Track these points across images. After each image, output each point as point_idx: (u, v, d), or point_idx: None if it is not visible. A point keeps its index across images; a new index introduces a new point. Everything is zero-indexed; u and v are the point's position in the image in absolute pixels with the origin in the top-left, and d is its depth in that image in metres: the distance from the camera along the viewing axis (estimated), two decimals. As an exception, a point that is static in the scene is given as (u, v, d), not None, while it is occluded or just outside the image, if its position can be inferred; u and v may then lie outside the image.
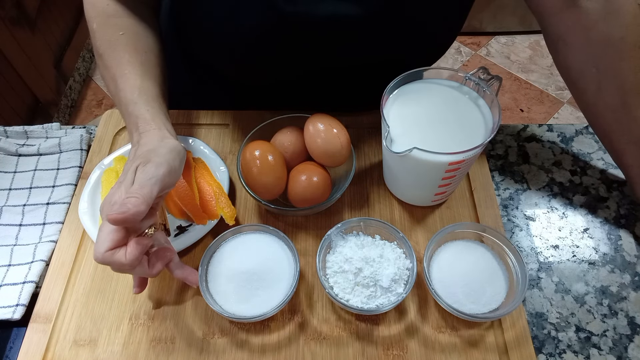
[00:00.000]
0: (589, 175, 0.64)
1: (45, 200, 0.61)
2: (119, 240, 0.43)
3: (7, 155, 0.65)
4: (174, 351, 0.51)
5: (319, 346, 0.51)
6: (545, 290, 0.55)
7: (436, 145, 0.47)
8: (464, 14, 0.60)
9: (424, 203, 0.60)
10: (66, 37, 1.83)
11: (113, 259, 0.43)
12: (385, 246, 0.53)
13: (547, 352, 0.51)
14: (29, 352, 0.50)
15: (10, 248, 0.57)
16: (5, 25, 1.46)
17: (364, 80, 0.65)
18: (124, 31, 0.55)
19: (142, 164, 0.46)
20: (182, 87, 0.71)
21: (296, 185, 0.56)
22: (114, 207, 0.42)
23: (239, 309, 0.50)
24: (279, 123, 0.60)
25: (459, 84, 0.55)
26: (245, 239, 0.54)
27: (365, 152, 0.65)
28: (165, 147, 0.48)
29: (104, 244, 0.43)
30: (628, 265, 0.57)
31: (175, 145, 0.49)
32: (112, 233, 0.43)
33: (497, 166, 0.65)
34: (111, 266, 0.44)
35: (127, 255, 0.43)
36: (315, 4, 0.52)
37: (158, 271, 0.48)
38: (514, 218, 0.61)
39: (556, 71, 1.13)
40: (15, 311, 0.52)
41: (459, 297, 0.50)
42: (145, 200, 0.43)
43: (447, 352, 0.50)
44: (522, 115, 1.81)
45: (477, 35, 2.07)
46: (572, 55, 0.54)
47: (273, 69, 0.61)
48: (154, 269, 0.47)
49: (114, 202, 0.43)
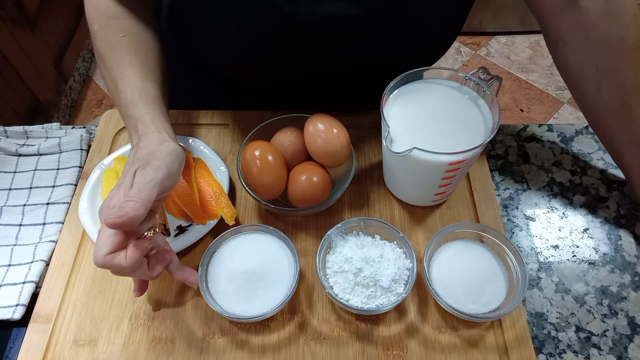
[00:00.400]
0: (589, 175, 0.64)
1: (45, 200, 0.61)
2: (119, 243, 0.43)
3: (7, 155, 0.65)
4: (174, 351, 0.51)
5: (319, 346, 0.51)
6: (545, 290, 0.55)
7: (436, 145, 0.47)
8: (464, 14, 0.60)
9: (424, 203, 0.60)
10: (66, 37, 1.83)
11: (113, 263, 0.43)
12: (385, 246, 0.53)
13: (547, 352, 0.51)
14: (29, 352, 0.50)
15: (10, 248, 0.57)
16: (5, 25, 1.46)
17: (364, 80, 0.65)
18: (124, 33, 0.55)
19: (141, 167, 0.45)
20: (182, 87, 0.71)
21: (296, 185, 0.56)
22: (113, 211, 0.42)
23: (239, 309, 0.50)
24: (279, 123, 0.60)
25: (459, 84, 0.55)
26: (245, 239, 0.54)
27: (365, 152, 0.65)
28: (165, 150, 0.48)
29: (104, 247, 0.43)
30: (628, 265, 0.57)
31: (175, 148, 0.49)
32: (112, 237, 0.43)
33: (497, 166, 0.65)
34: (111, 270, 0.44)
35: (127, 259, 0.43)
36: (316, 4, 0.52)
37: (158, 273, 0.48)
38: (514, 218, 0.61)
39: (556, 71, 1.13)
40: (15, 311, 0.52)
41: (459, 297, 0.50)
42: (144, 203, 0.43)
43: (447, 352, 0.50)
44: (522, 115, 1.81)
45: (477, 35, 2.07)
46: (572, 55, 0.54)
47: (273, 69, 0.61)
48: (154, 272, 0.47)
49: (112, 205, 0.43)
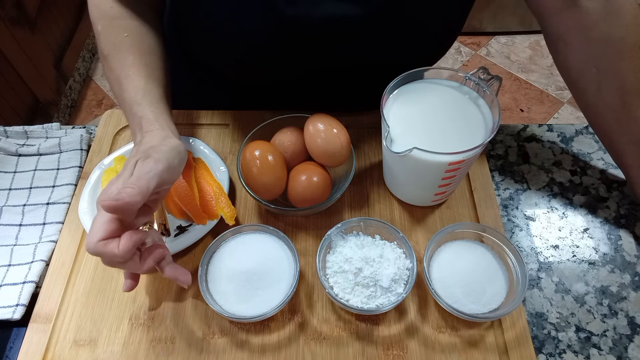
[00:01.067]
0: (589, 175, 0.64)
1: (45, 200, 0.61)
2: (113, 231, 0.43)
3: (7, 155, 0.65)
4: (174, 351, 0.51)
5: (319, 346, 0.51)
6: (545, 290, 0.55)
7: (436, 145, 0.47)
8: (464, 14, 0.60)
9: (424, 203, 0.60)
10: (66, 37, 1.83)
11: (105, 249, 0.43)
12: (385, 246, 0.53)
13: (547, 352, 0.51)
14: (29, 352, 0.50)
15: (10, 248, 0.57)
16: (5, 25, 1.46)
17: (364, 81, 0.65)
18: (128, 33, 0.55)
19: (142, 159, 0.46)
20: (182, 87, 0.71)
21: (296, 185, 0.56)
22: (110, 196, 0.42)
23: (239, 309, 0.50)
24: (279, 123, 0.60)
25: (459, 84, 0.55)
26: (245, 239, 0.54)
27: (365, 152, 0.65)
28: (167, 145, 0.48)
29: (97, 233, 0.43)
30: (628, 265, 0.57)
31: (177, 144, 0.49)
32: (106, 223, 0.43)
33: (497, 166, 0.65)
34: (103, 257, 0.44)
35: (120, 247, 0.43)
36: (315, 6, 0.52)
37: (149, 267, 0.47)
38: (514, 218, 0.61)
39: (556, 71, 1.13)
40: (15, 311, 0.52)
41: (459, 297, 0.50)
42: (142, 191, 0.43)
43: (447, 352, 0.50)
44: (522, 115, 1.81)
45: (477, 35, 2.07)
46: (572, 55, 0.54)
47: (273, 69, 0.61)
48: (145, 265, 0.47)
49: (110, 192, 0.43)
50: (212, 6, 0.54)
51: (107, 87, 1.95)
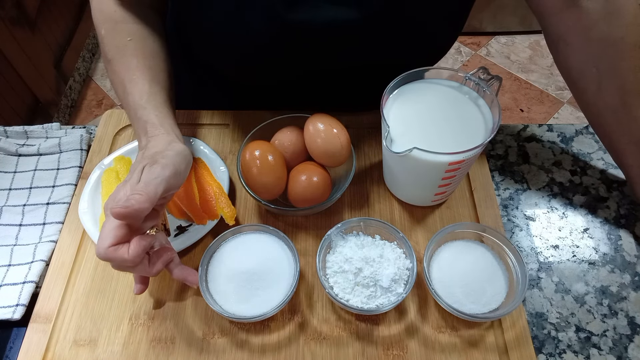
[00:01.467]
0: (589, 175, 0.64)
1: (45, 200, 0.61)
2: (122, 236, 0.44)
3: (7, 155, 0.65)
4: (174, 351, 0.51)
5: (319, 346, 0.51)
6: (545, 290, 0.55)
7: (436, 145, 0.47)
8: (464, 14, 0.60)
9: (424, 203, 0.60)
10: (66, 37, 1.83)
11: (116, 255, 0.43)
12: (385, 246, 0.53)
13: (547, 352, 0.51)
14: (29, 352, 0.50)
15: (10, 248, 0.57)
16: (5, 25, 1.46)
17: (364, 81, 0.65)
18: (131, 37, 0.56)
19: (149, 165, 0.46)
20: (182, 87, 0.71)
21: (296, 185, 0.56)
22: (119, 203, 0.43)
23: (239, 309, 0.50)
24: (279, 123, 0.60)
25: (459, 84, 0.55)
26: (245, 239, 0.54)
27: (365, 152, 0.65)
28: (173, 150, 0.49)
29: (107, 239, 0.43)
30: (628, 265, 0.57)
31: (183, 149, 0.50)
32: (115, 229, 0.44)
33: (497, 166, 0.65)
34: (113, 263, 0.44)
35: (130, 252, 0.43)
36: (316, 11, 0.52)
37: (158, 270, 0.48)
38: (514, 218, 0.61)
39: (556, 71, 1.12)
40: (15, 311, 0.52)
41: (459, 297, 0.50)
42: (150, 197, 0.43)
43: (447, 352, 0.50)
44: (522, 115, 1.81)
45: (477, 35, 2.07)
46: (573, 55, 0.54)
47: (273, 70, 0.61)
48: (154, 268, 0.48)
49: (118, 198, 0.44)
50: (212, 7, 0.54)
51: (107, 87, 1.95)
